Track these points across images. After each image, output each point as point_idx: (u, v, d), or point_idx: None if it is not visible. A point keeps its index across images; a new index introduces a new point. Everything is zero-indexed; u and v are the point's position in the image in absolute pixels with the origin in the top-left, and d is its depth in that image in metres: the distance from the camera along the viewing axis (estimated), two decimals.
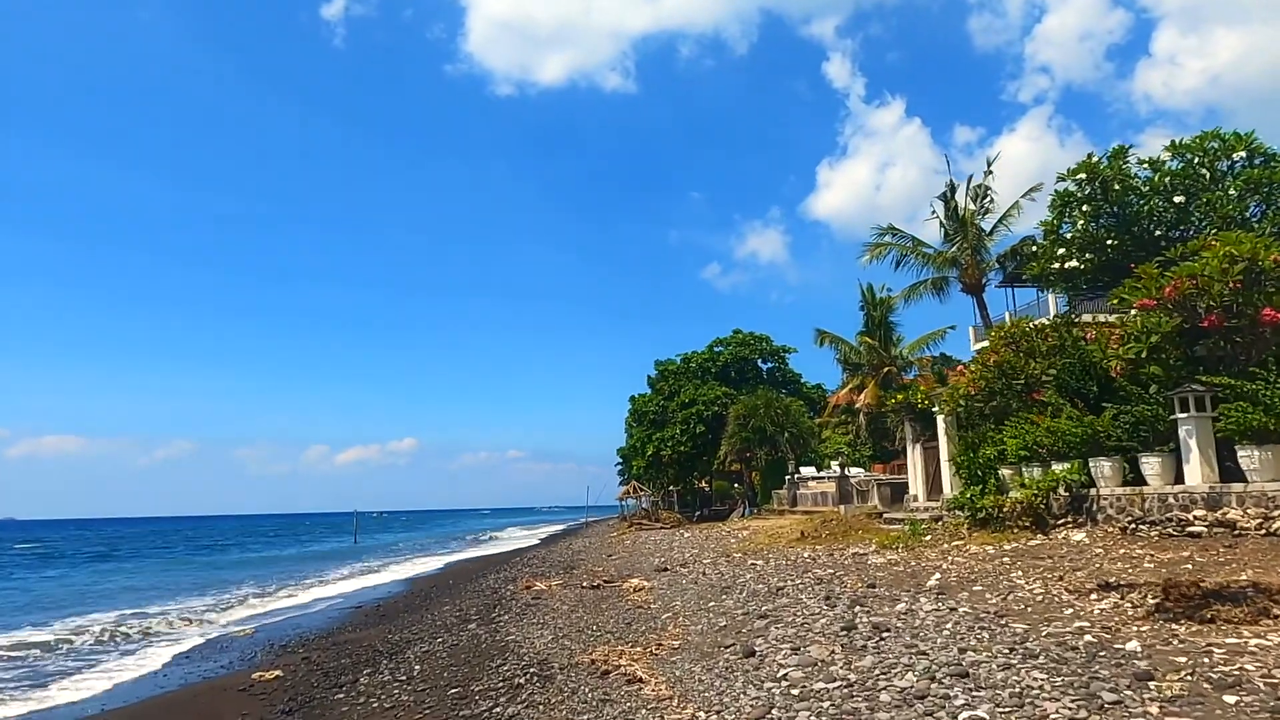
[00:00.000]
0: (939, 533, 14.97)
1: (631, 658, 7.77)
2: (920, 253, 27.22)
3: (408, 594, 19.51)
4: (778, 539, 20.41)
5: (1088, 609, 7.31)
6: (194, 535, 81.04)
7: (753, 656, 7.03)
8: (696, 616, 9.84)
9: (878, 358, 34.54)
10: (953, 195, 27.11)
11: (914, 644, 6.51)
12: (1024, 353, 15.37)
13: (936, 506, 16.95)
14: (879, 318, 35.71)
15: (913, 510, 18.23)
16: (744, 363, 41.44)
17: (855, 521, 20.41)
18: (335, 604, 19.43)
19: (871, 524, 19.12)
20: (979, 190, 26.20)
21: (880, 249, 27.55)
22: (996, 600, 8.19)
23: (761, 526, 26.09)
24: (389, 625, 13.53)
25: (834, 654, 6.58)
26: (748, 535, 23.33)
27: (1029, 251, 25.95)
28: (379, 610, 16.63)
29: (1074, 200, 15.01)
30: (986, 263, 26.17)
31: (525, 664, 8.38)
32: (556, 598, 13.65)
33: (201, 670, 11.53)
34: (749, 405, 35.22)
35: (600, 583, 14.80)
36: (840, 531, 18.65)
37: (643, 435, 40.76)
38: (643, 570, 16.80)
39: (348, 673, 9.46)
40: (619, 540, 30.29)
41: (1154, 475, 11.69)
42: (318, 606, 19.18)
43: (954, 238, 26.24)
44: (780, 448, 34.42)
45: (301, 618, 17.18)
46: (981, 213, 26.21)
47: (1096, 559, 10.06)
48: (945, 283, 27.90)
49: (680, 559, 17.98)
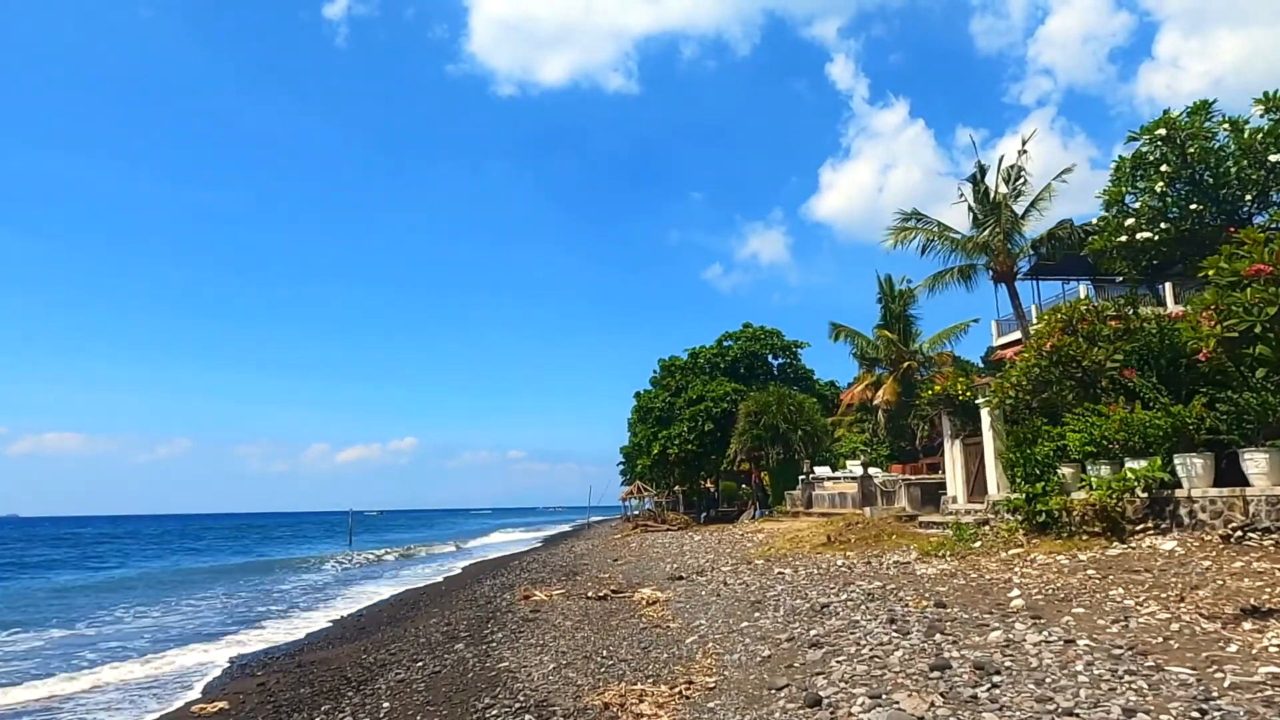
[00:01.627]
0: (990, 539, 13.24)
1: (656, 701, 6.06)
2: (948, 238, 25.42)
3: (393, 603, 17.76)
4: (799, 543, 18.70)
5: (1256, 644, 5.60)
6: (173, 534, 78.55)
7: (819, 708, 5.31)
8: (729, 640, 8.12)
9: (897, 352, 32.78)
10: (982, 178, 25.33)
11: (1047, 696, 4.79)
12: (1084, 337, 13.65)
13: (981, 509, 15.22)
14: (898, 310, 33.95)
15: (951, 513, 16.51)
16: (754, 358, 39.66)
17: (884, 525, 18.69)
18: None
19: (904, 528, 17.40)
20: (1012, 172, 24.42)
21: (905, 233, 25.74)
22: (1116, 629, 6.46)
23: (777, 529, 24.38)
24: (366, 641, 11.84)
25: (935, 708, 4.86)
26: (764, 539, 21.62)
27: (1065, 236, 24.30)
28: (359, 622, 14.93)
29: (1147, 163, 13.23)
30: (1020, 248, 24.37)
31: (520, 704, 6.66)
32: (558, 610, 11.93)
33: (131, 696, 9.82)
34: (761, 402, 33.50)
35: (608, 592, 13.09)
36: (870, 536, 16.93)
37: (648, 433, 39.01)
38: (654, 578, 15.09)
39: (304, 708, 7.75)
40: (624, 543, 28.57)
41: (1260, 474, 9.95)
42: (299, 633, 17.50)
43: (984, 221, 24.45)
44: (793, 447, 32.70)
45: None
46: (1014, 195, 24.42)
47: (1209, 574, 8.33)
48: (973, 271, 26.09)
49: (695, 565, 16.27)
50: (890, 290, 34.34)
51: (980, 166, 25.36)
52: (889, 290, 34.37)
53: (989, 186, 25.16)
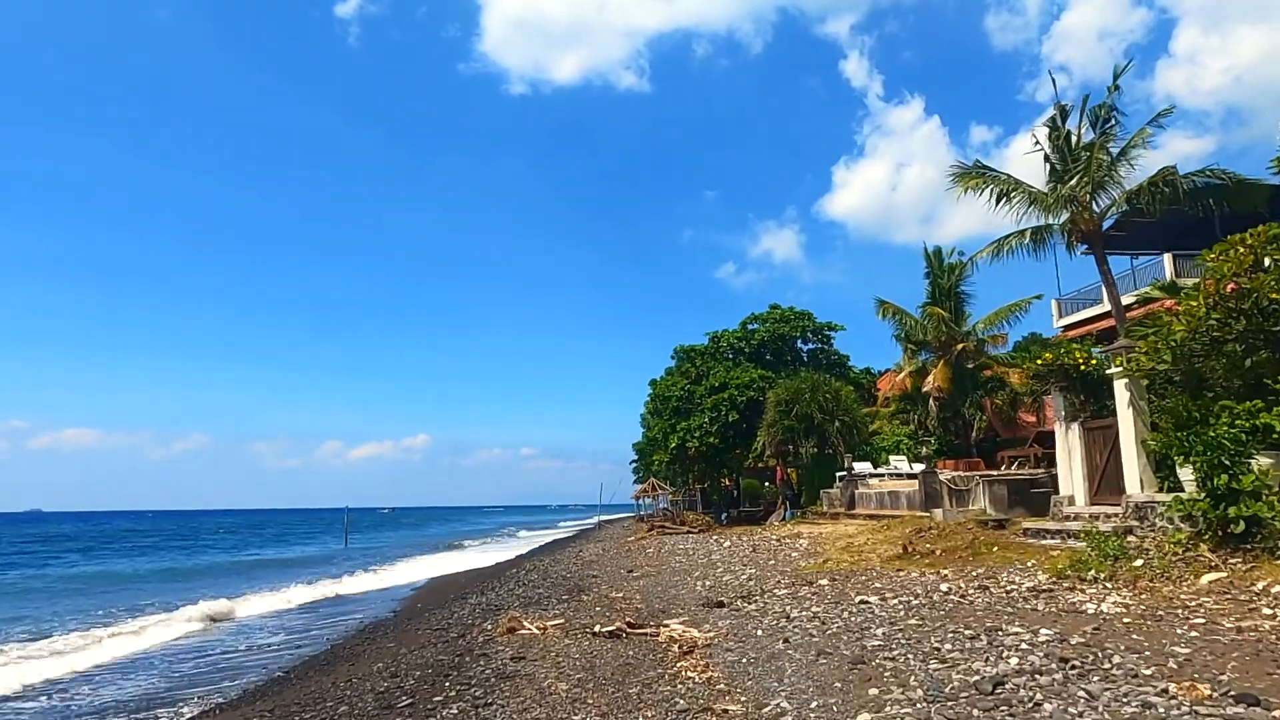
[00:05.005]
0: (1153, 556, 9.47)
1: None
2: (1024, 191, 21.52)
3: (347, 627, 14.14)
4: (860, 553, 14.99)
5: None
6: (167, 532, 75.09)
7: None
8: None
9: (948, 333, 28.86)
10: (1063, 121, 21.40)
11: None
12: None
13: (1116, 513, 11.45)
14: (947, 286, 29.95)
15: (1065, 517, 12.74)
16: (782, 342, 35.83)
17: (966, 532, 14.96)
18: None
19: (1000, 536, 13.64)
20: (1101, 112, 20.48)
21: (976, 180, 21.77)
22: None
23: (821, 534, 20.66)
24: (271, 702, 8.26)
25: None
26: (808, 546, 17.93)
27: (1167, 190, 20.30)
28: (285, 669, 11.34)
29: None
30: (1113, 202, 20.39)
31: None
32: (551, 657, 8.31)
33: None
34: (792, 389, 29.74)
35: (622, 626, 9.45)
36: (959, 547, 13.20)
37: (665, 426, 35.31)
38: (683, 602, 11.43)
39: None
40: (639, 547, 24.94)
41: None
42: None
43: (1070, 169, 20.52)
44: (830, 439, 28.93)
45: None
46: (1103, 142, 20.44)
47: None
48: (1047, 234, 22.16)
49: (735, 583, 12.59)
50: (939, 264, 30.41)
51: (1061, 109, 21.42)
52: (937, 264, 30.43)
53: (1070, 132, 21.28)
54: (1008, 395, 28.37)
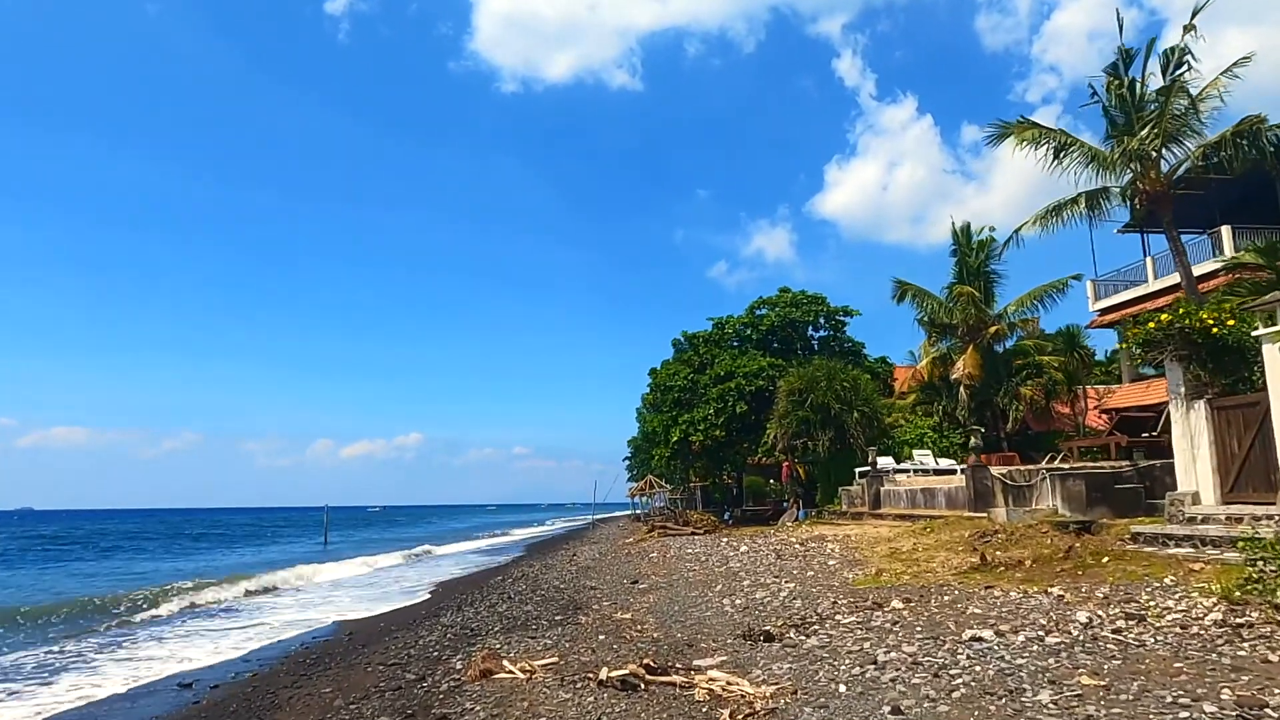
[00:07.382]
0: None
1: None
2: (1082, 147, 18.92)
3: (274, 661, 11.25)
4: (915, 562, 12.34)
5: None
6: (114, 535, 69.87)
7: None
8: None
9: (978, 315, 26.29)
10: (1126, 68, 18.83)
11: None
12: None
13: (1269, 513, 8.85)
14: (976, 265, 27.38)
15: (1191, 519, 10.14)
16: (793, 328, 33.18)
17: (1040, 535, 12.36)
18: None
19: (1097, 542, 11.01)
20: (1173, 55, 17.90)
21: (1029, 132, 19.09)
22: None
23: (849, 537, 18.04)
24: None
25: None
26: (843, 552, 15.31)
27: (1251, 139, 17.74)
28: None
29: None
30: (1191, 154, 17.75)
31: None
32: None
33: None
34: (806, 378, 27.12)
35: (638, 670, 6.75)
36: (1052, 556, 10.56)
37: (666, 419, 32.61)
38: (713, 629, 8.75)
39: None
40: (642, 551, 22.28)
41: None
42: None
43: (1140, 119, 17.91)
44: (850, 431, 26.30)
45: None
46: (1174, 90, 17.83)
47: None
48: (1103, 198, 19.57)
49: (775, 603, 9.90)
50: (967, 241, 27.82)
51: (1125, 53, 18.83)
52: (965, 241, 27.85)
53: (1135, 80, 18.71)
54: (1044, 384, 25.82)
